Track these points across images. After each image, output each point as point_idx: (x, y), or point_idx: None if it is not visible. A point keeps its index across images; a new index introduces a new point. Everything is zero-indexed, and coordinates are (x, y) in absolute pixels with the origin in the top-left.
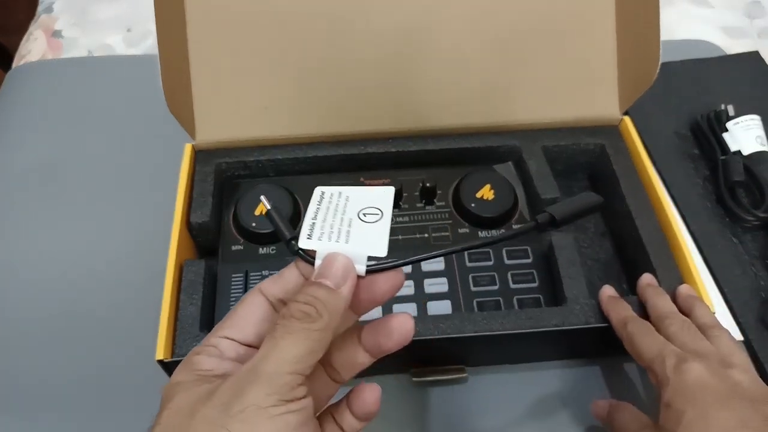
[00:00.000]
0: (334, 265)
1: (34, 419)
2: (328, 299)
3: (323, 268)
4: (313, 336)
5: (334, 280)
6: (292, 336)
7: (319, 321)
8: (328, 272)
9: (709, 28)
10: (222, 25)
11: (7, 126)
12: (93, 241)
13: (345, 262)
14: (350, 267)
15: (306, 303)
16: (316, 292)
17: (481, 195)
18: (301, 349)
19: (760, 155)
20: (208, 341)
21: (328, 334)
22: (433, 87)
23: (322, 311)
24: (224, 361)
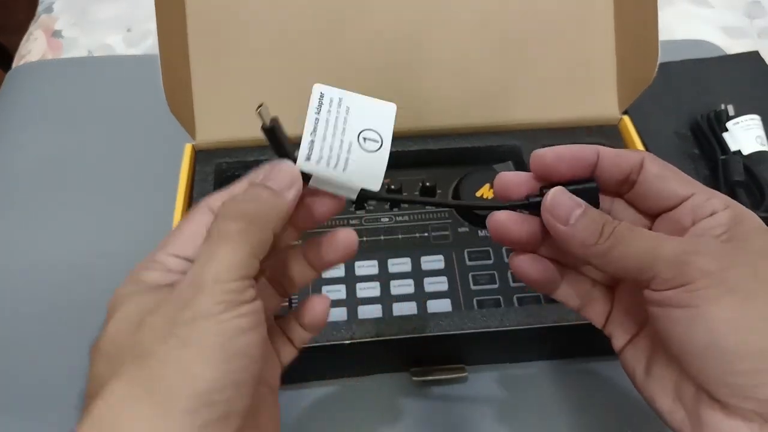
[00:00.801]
0: (281, 172)
1: (33, 419)
2: (269, 200)
3: (269, 172)
4: (253, 240)
5: (278, 185)
6: (231, 240)
7: (258, 222)
8: (274, 177)
9: (709, 28)
10: (222, 25)
11: (7, 126)
12: (93, 240)
13: (292, 171)
14: (297, 176)
15: (245, 201)
16: (259, 192)
17: (480, 194)
18: (242, 254)
19: (760, 155)
20: (153, 258)
21: (268, 235)
22: (433, 87)
23: (262, 212)
24: (170, 274)
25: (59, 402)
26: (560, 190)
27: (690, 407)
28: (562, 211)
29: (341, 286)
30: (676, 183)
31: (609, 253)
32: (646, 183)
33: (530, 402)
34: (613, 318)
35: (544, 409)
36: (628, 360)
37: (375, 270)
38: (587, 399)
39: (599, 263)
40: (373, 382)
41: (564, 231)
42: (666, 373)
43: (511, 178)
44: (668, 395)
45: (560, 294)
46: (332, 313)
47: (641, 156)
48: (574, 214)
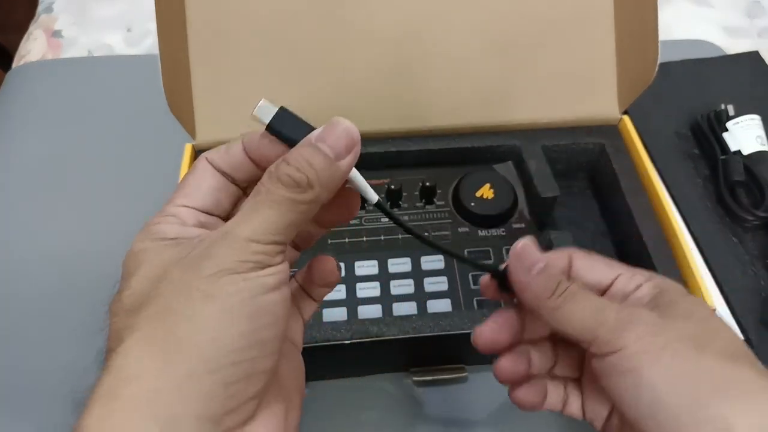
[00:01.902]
0: (341, 132)
1: (33, 418)
2: (324, 169)
3: (325, 132)
4: (299, 209)
5: (335, 150)
6: (277, 203)
7: (309, 192)
8: (332, 138)
9: (709, 27)
10: (222, 24)
11: (7, 126)
12: (93, 240)
13: (354, 133)
14: (356, 139)
15: (298, 169)
16: (313, 158)
17: (480, 194)
18: (284, 220)
19: (760, 155)
20: (165, 211)
21: (315, 207)
22: (433, 87)
23: (314, 182)
24: (188, 228)
25: (59, 401)
26: (529, 240)
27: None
28: (528, 260)
29: (341, 286)
30: (603, 269)
31: (558, 310)
32: (578, 276)
33: None
34: (586, 407)
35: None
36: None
37: (375, 270)
38: None
39: (549, 318)
40: (373, 382)
41: (524, 281)
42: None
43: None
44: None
45: (547, 405)
46: (332, 313)
47: (567, 254)
48: (537, 266)
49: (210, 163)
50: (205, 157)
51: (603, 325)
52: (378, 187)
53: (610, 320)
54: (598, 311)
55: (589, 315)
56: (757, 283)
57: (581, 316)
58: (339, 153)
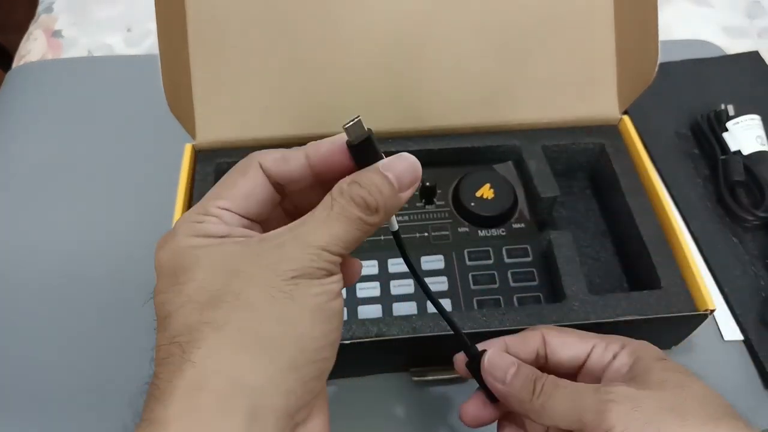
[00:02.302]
0: (408, 167)
1: (32, 418)
2: (389, 197)
3: (393, 163)
4: (364, 228)
5: (401, 182)
6: (348, 220)
7: (375, 216)
8: (400, 171)
9: (709, 27)
10: (223, 25)
11: (7, 126)
12: (93, 241)
13: (417, 168)
14: (419, 175)
15: (370, 193)
16: (382, 186)
17: (480, 194)
18: (353, 236)
19: (760, 155)
20: (207, 210)
21: (374, 230)
22: (433, 87)
23: (381, 207)
24: (235, 228)
25: (59, 400)
26: (494, 351)
27: None
28: (499, 372)
29: None
30: (576, 344)
31: (543, 409)
32: (554, 354)
33: None
34: None
35: None
36: None
37: (375, 270)
38: None
39: (537, 419)
40: (373, 382)
41: (503, 390)
42: None
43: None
44: None
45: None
46: None
47: (540, 333)
48: (509, 372)
49: (261, 167)
50: (259, 163)
51: (585, 411)
52: None
53: (590, 404)
54: (578, 399)
55: (570, 405)
56: (757, 283)
57: (564, 408)
58: (402, 185)
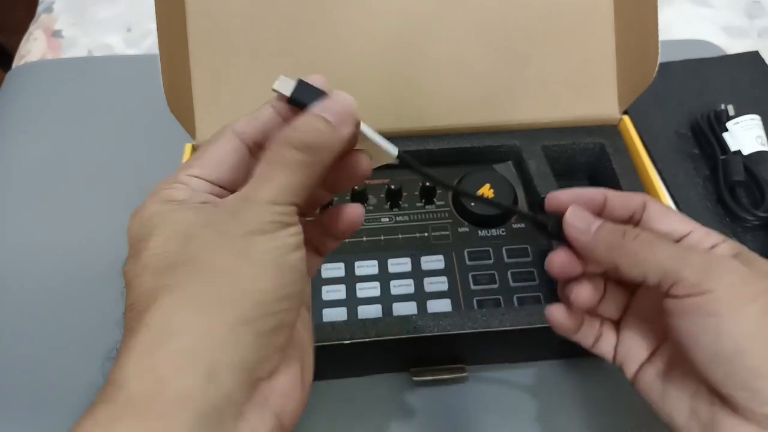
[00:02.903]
0: (339, 104)
1: (31, 418)
2: (327, 133)
3: (326, 103)
4: (309, 170)
5: (336, 119)
6: (289, 166)
7: (318, 154)
8: (332, 108)
9: (709, 28)
10: (222, 24)
11: (7, 126)
12: (93, 240)
13: (350, 104)
14: (353, 112)
15: (305, 131)
16: (318, 123)
17: (480, 194)
18: (297, 181)
19: (760, 155)
20: (176, 178)
21: (322, 168)
22: (433, 87)
23: (320, 145)
24: (199, 194)
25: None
26: (575, 207)
27: (705, 418)
28: (583, 222)
29: (341, 286)
30: (677, 221)
31: (637, 255)
32: (650, 222)
33: (530, 402)
34: (620, 349)
35: (544, 408)
36: (643, 385)
37: (375, 270)
38: (587, 398)
39: (627, 264)
40: (373, 382)
41: (588, 241)
42: (681, 390)
43: None
44: (684, 411)
45: (579, 336)
46: (332, 313)
47: (644, 198)
48: (594, 223)
49: (236, 136)
50: (231, 130)
51: (689, 266)
52: (378, 187)
53: (696, 262)
54: (682, 253)
55: (672, 256)
56: None
57: (663, 257)
58: (339, 121)
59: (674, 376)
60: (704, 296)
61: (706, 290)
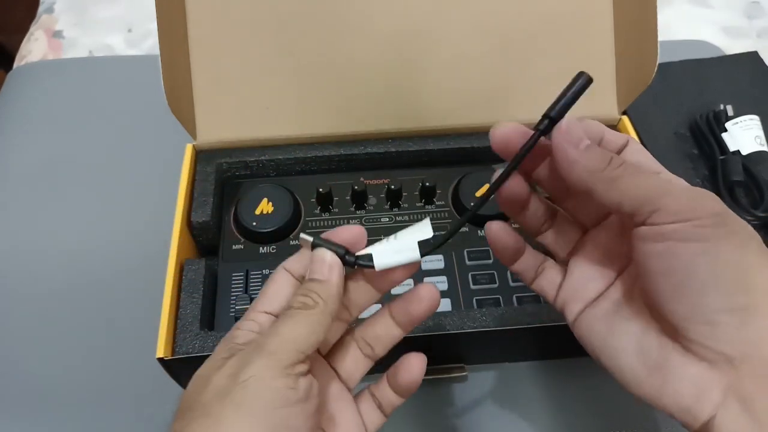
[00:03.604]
0: (319, 262)
1: (33, 418)
2: (320, 289)
3: (313, 266)
4: (312, 320)
5: (321, 273)
6: (293, 320)
7: (316, 307)
8: (318, 269)
9: (708, 28)
10: (223, 25)
11: (7, 126)
12: (93, 240)
13: (330, 259)
14: (335, 262)
15: (303, 294)
16: (310, 285)
17: (480, 194)
18: (301, 331)
19: (759, 155)
20: (248, 317)
21: (327, 317)
22: (433, 87)
23: (317, 299)
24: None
25: (58, 400)
26: (574, 119)
27: (654, 358)
28: (575, 136)
29: None
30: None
31: (616, 181)
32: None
33: (530, 401)
34: (565, 287)
35: (544, 408)
36: (585, 325)
37: None
38: (587, 398)
39: (603, 190)
40: (372, 382)
41: (574, 154)
42: (629, 329)
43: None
44: (630, 351)
45: (519, 265)
46: None
47: (627, 137)
48: (584, 141)
49: (287, 271)
50: (283, 268)
51: (672, 195)
52: (378, 187)
53: (679, 193)
54: (665, 184)
55: (655, 185)
56: None
57: (645, 186)
58: (324, 274)
59: (622, 315)
60: (689, 222)
61: (690, 218)
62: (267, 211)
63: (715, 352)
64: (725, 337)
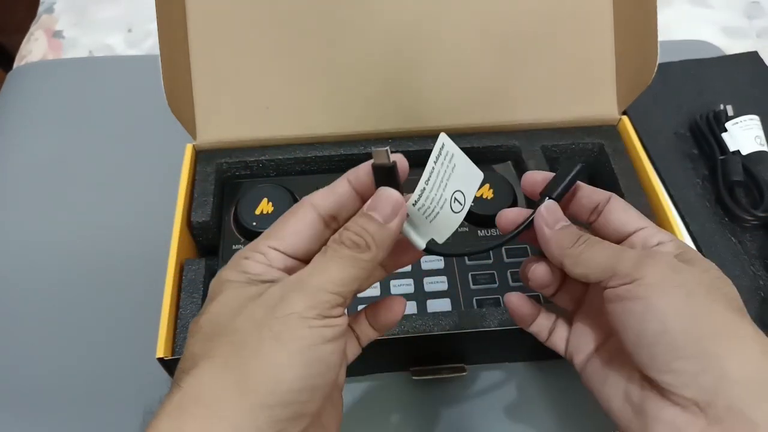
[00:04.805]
0: (386, 201)
1: (32, 418)
2: (376, 232)
3: (375, 201)
4: (359, 264)
5: (383, 215)
6: (341, 260)
7: (367, 252)
8: (379, 206)
9: (708, 28)
10: (223, 25)
11: (7, 126)
12: (93, 240)
13: (396, 199)
14: (401, 204)
15: (357, 233)
16: (366, 225)
17: (480, 194)
18: (347, 274)
19: (758, 155)
20: (257, 248)
21: (373, 265)
22: (433, 87)
23: (371, 243)
24: (272, 270)
25: (59, 400)
26: (553, 203)
27: (637, 402)
28: (552, 219)
29: None
30: (634, 217)
31: (581, 255)
32: (609, 213)
33: (530, 401)
34: (571, 341)
35: (544, 407)
36: (588, 375)
37: None
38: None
39: (571, 264)
40: (373, 382)
41: (549, 233)
42: (618, 377)
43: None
44: (619, 397)
45: (534, 327)
46: None
47: (609, 195)
48: (560, 223)
49: (314, 209)
50: (310, 203)
51: (622, 262)
52: None
53: (629, 258)
54: (618, 252)
55: (609, 255)
56: (756, 283)
57: (602, 257)
58: (386, 217)
59: (614, 365)
60: (634, 282)
61: (636, 278)
62: (267, 211)
63: (684, 398)
64: (686, 384)
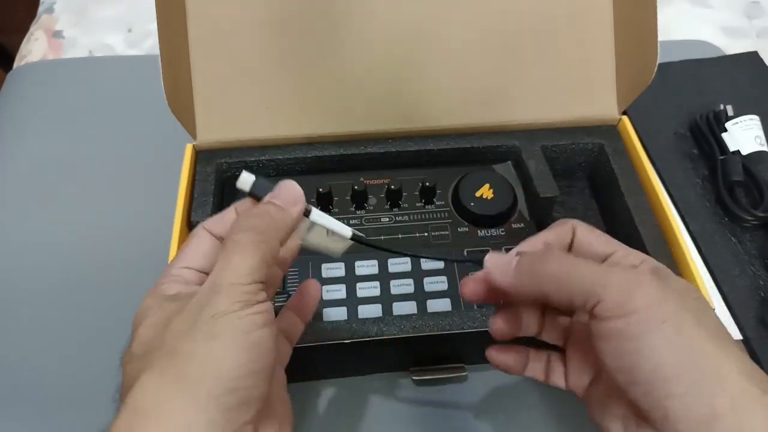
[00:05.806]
0: (286, 191)
1: (32, 417)
2: (276, 214)
3: (276, 191)
4: (263, 248)
5: (284, 202)
6: (243, 249)
7: (267, 233)
8: (281, 195)
9: (708, 28)
10: (223, 25)
11: (7, 126)
12: (93, 240)
13: (296, 189)
14: (300, 194)
15: (257, 216)
16: (268, 208)
17: (480, 194)
18: (254, 260)
19: (758, 155)
20: (169, 272)
21: (276, 245)
22: (433, 87)
23: (271, 225)
24: (190, 286)
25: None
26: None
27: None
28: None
29: (341, 286)
30: (603, 243)
31: (560, 278)
32: (579, 246)
33: (530, 401)
34: (569, 377)
35: (544, 408)
36: (589, 407)
37: (375, 270)
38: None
39: (552, 289)
40: (373, 382)
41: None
42: (616, 410)
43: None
44: (619, 428)
45: (529, 372)
46: (332, 313)
47: (570, 225)
48: (512, 262)
49: (207, 230)
50: (202, 227)
51: (609, 286)
52: (378, 186)
53: (615, 282)
54: (603, 272)
55: (593, 276)
56: (755, 283)
57: (586, 277)
58: (287, 203)
59: (612, 397)
60: (623, 319)
61: (624, 313)
62: None
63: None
64: (679, 419)
